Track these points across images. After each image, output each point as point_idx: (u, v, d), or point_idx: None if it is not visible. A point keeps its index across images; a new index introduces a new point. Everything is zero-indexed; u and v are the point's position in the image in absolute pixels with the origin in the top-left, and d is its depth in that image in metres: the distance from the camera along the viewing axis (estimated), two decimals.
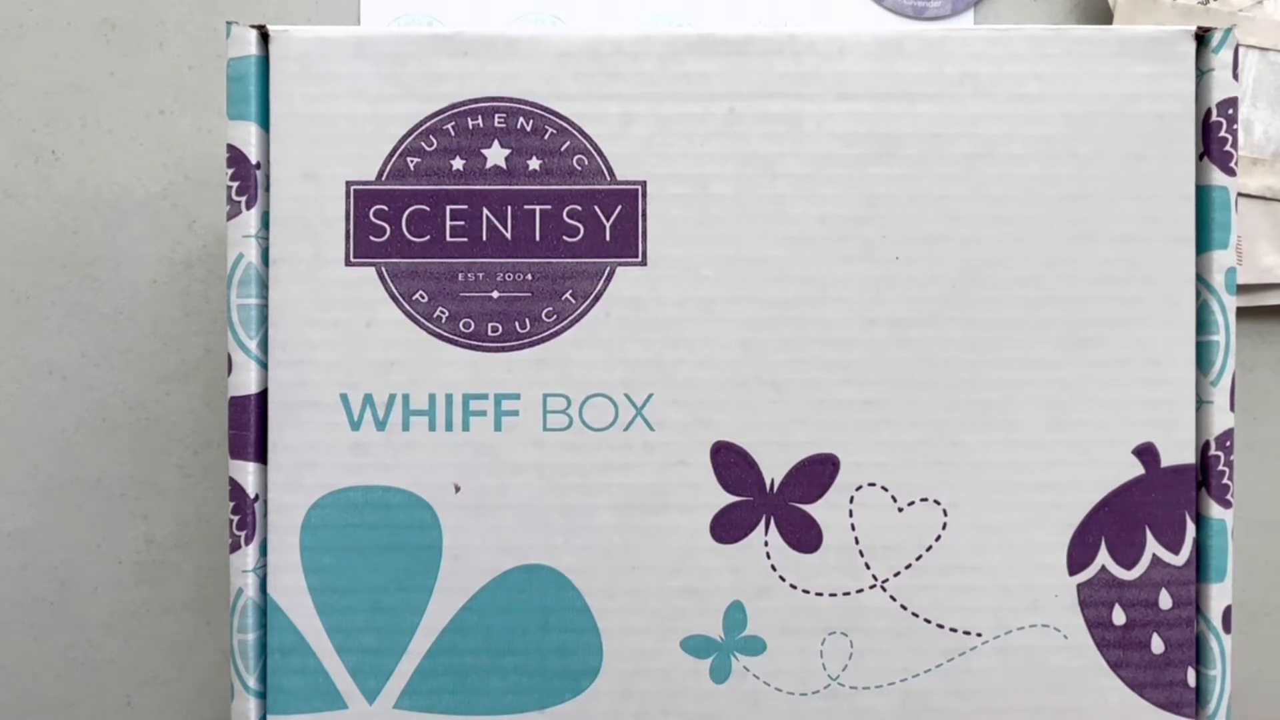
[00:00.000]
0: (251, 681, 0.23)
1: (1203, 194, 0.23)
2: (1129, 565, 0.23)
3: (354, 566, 0.23)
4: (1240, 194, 0.30)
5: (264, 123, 0.23)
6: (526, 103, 0.23)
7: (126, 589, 0.31)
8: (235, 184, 0.23)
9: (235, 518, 0.23)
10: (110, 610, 0.31)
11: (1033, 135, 0.23)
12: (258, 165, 0.23)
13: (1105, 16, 0.31)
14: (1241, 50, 0.29)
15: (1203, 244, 0.23)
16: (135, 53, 0.31)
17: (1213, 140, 0.23)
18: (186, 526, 0.31)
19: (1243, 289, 0.31)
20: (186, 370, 0.31)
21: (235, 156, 0.23)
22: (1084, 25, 0.24)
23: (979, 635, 0.23)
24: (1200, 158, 0.23)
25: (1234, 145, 0.23)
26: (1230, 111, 0.23)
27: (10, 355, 0.31)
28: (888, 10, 0.29)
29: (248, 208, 0.23)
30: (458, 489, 0.23)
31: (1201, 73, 0.23)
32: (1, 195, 0.31)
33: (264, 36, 0.23)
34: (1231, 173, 0.23)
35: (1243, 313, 0.31)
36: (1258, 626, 0.31)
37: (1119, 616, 0.23)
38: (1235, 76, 0.23)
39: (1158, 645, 0.23)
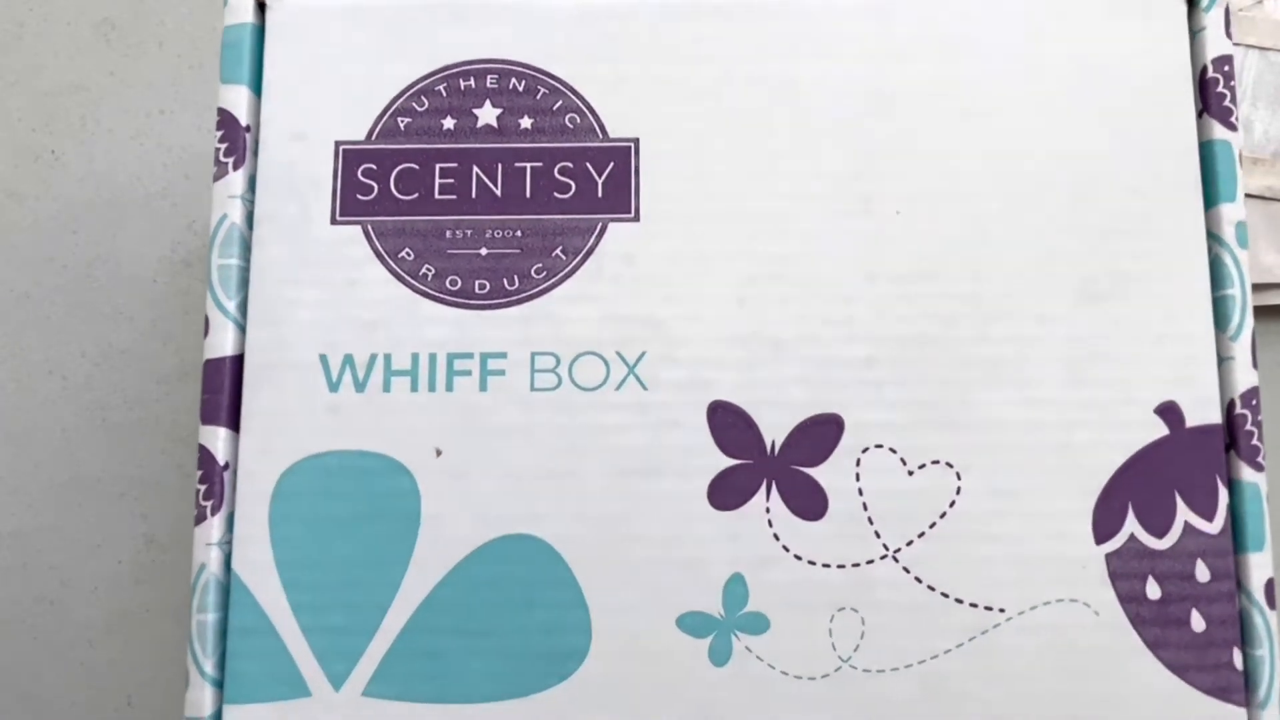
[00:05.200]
0: (209, 667, 0.21)
1: (1205, 150, 0.23)
2: (1160, 533, 0.21)
3: (325, 537, 0.22)
4: None
5: (256, 88, 0.23)
6: (519, 64, 0.23)
7: (126, 589, 0.30)
8: (224, 145, 0.23)
9: (202, 487, 0.22)
10: (110, 610, 0.30)
11: (1029, 92, 0.23)
12: (247, 128, 0.23)
13: None
14: (1242, 50, 0.30)
15: (1210, 199, 0.22)
16: (135, 53, 0.31)
17: (1210, 96, 0.23)
18: (186, 526, 0.30)
19: None
20: (186, 370, 0.30)
21: (225, 119, 0.23)
22: None
23: (1001, 611, 0.21)
24: (1199, 115, 0.23)
25: (1233, 100, 0.23)
26: (1226, 68, 0.23)
27: (10, 355, 0.30)
28: None
29: (234, 169, 0.23)
30: (439, 453, 0.22)
31: (1194, 32, 0.23)
32: (1, 195, 0.31)
33: (260, 6, 0.23)
34: (1233, 127, 0.22)
35: None
36: None
37: (1153, 590, 0.21)
38: (1228, 34, 0.23)
39: (1198, 623, 0.21)
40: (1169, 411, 0.22)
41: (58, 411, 0.30)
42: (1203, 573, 0.21)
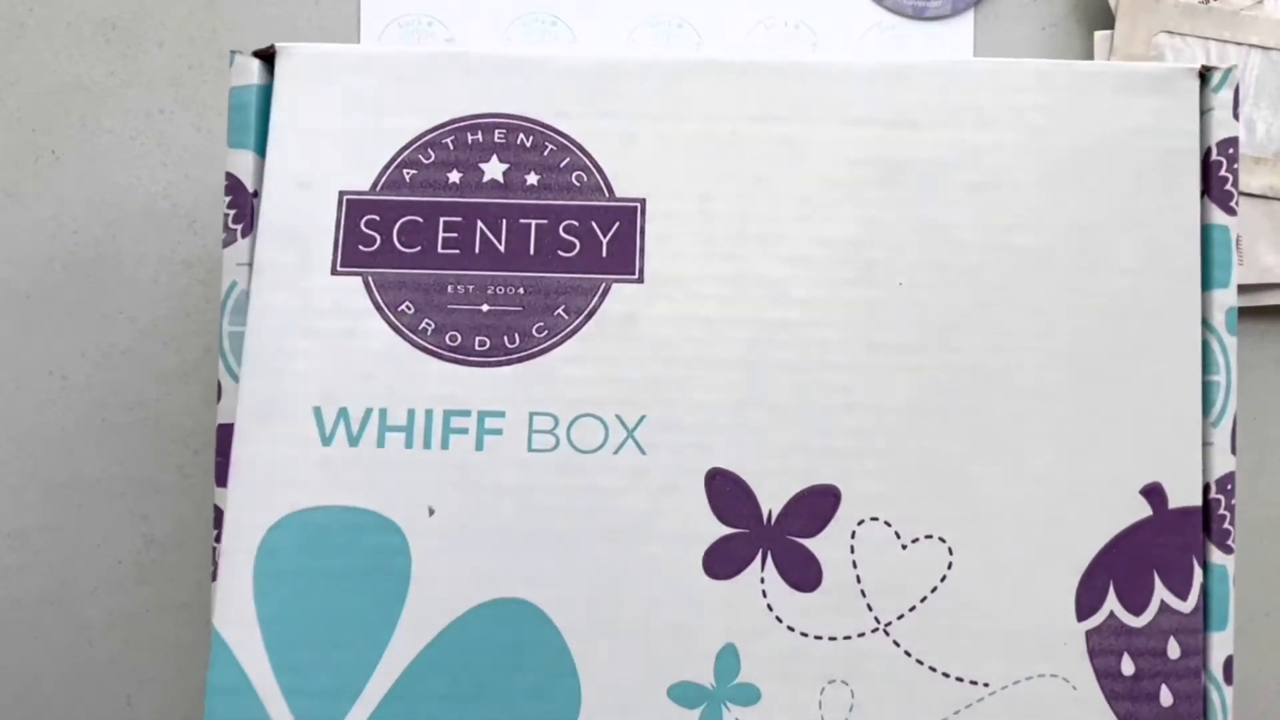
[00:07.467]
0: None
1: (1203, 233, 0.23)
2: (1137, 611, 0.22)
3: (311, 595, 0.21)
4: (1242, 193, 0.30)
5: (262, 151, 0.23)
6: (527, 119, 0.23)
7: (126, 589, 0.30)
8: (232, 212, 0.22)
9: (218, 546, 0.21)
10: (110, 610, 0.30)
11: (1037, 165, 0.23)
12: (254, 194, 0.22)
13: (1106, 15, 0.31)
14: (1244, 50, 0.30)
15: (1204, 283, 0.23)
16: (135, 53, 0.31)
17: (1213, 179, 0.23)
18: (186, 526, 0.30)
19: (1243, 289, 0.31)
20: (186, 370, 0.30)
21: (233, 185, 0.22)
22: (1086, 61, 0.24)
23: (986, 685, 0.22)
24: (1200, 196, 0.23)
25: (1234, 185, 0.23)
26: (1230, 151, 0.23)
27: (10, 355, 0.30)
28: (887, 10, 0.29)
29: (243, 236, 0.22)
30: (432, 512, 0.21)
31: (1202, 112, 0.23)
32: (1, 195, 0.30)
33: (269, 59, 0.23)
34: (1232, 212, 0.23)
35: (1243, 313, 0.31)
36: (1257, 626, 0.30)
37: (1128, 666, 0.22)
38: (1235, 116, 0.23)
39: (1166, 698, 0.22)
40: (1153, 493, 0.22)
41: (58, 411, 0.30)
42: (1174, 649, 0.22)
